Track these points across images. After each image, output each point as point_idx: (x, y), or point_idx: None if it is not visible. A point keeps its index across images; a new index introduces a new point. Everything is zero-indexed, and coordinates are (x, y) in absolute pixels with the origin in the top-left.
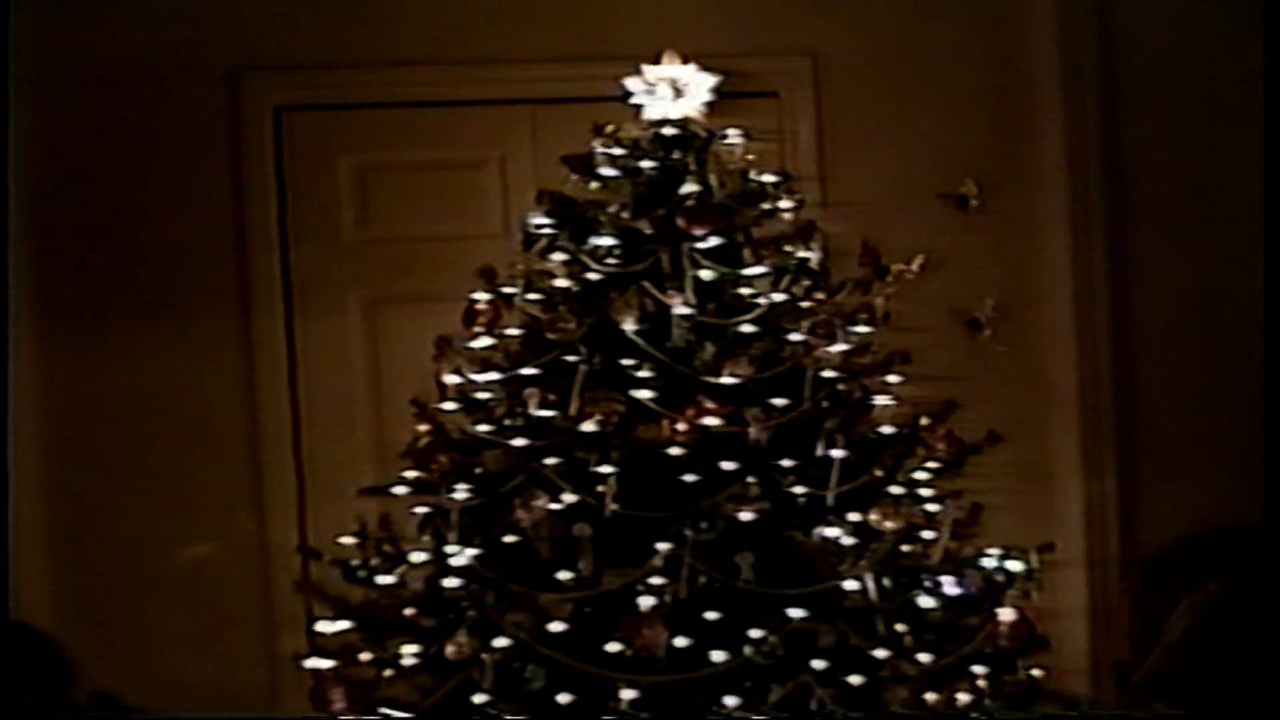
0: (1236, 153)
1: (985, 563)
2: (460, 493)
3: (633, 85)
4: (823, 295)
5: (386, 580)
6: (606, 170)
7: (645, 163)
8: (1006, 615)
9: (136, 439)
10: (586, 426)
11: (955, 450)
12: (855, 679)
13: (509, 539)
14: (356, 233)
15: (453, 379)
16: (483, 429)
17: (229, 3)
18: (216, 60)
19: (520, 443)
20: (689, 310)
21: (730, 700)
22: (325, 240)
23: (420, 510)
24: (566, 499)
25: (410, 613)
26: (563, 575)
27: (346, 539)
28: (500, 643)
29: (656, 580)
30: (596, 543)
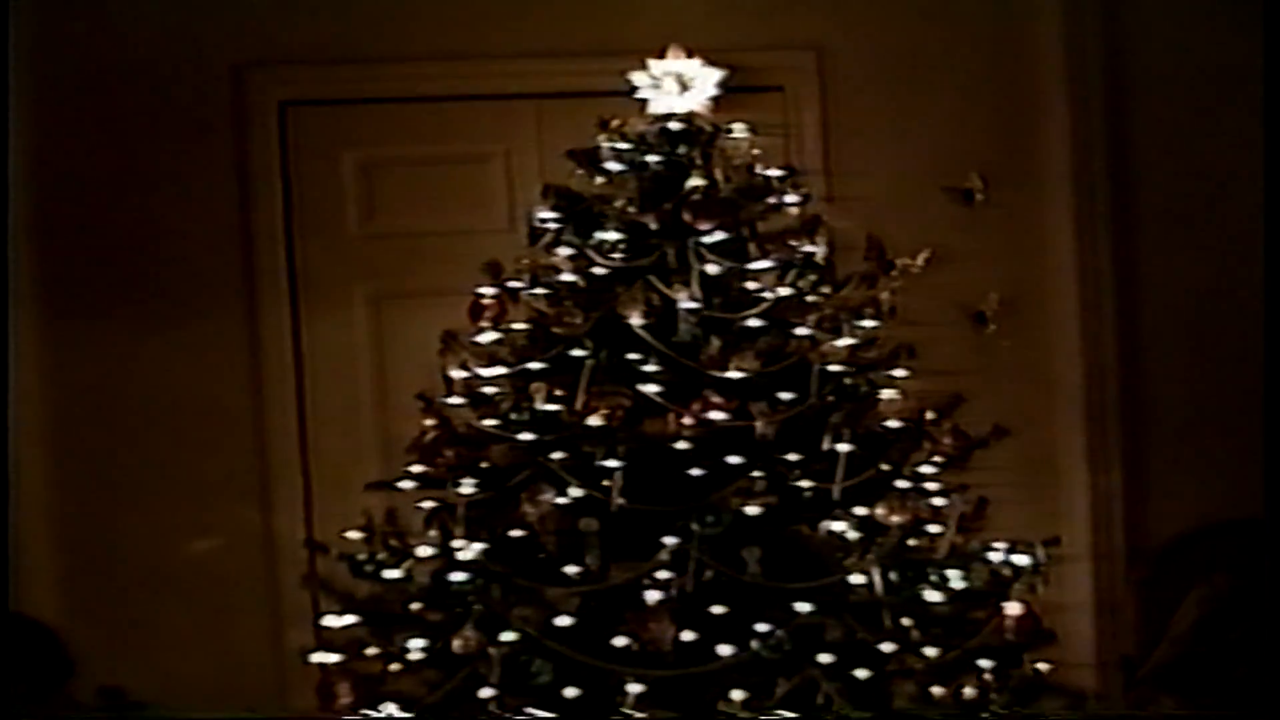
0: (1242, 147)
1: (991, 557)
2: (466, 487)
3: (638, 80)
4: (828, 290)
5: (393, 575)
6: (612, 165)
7: (651, 157)
8: (1013, 609)
9: (142, 434)
10: (593, 421)
11: (961, 444)
12: (862, 673)
13: (515, 533)
14: (362, 227)
15: (459, 373)
16: (489, 423)
17: None
18: (222, 55)
19: (526, 437)
20: (695, 305)
21: (737, 694)
22: (331, 235)
23: (426, 505)
24: (573, 493)
25: (417, 607)
26: (569, 570)
27: (353, 533)
28: (507, 637)
29: (663, 574)
30: (603, 537)
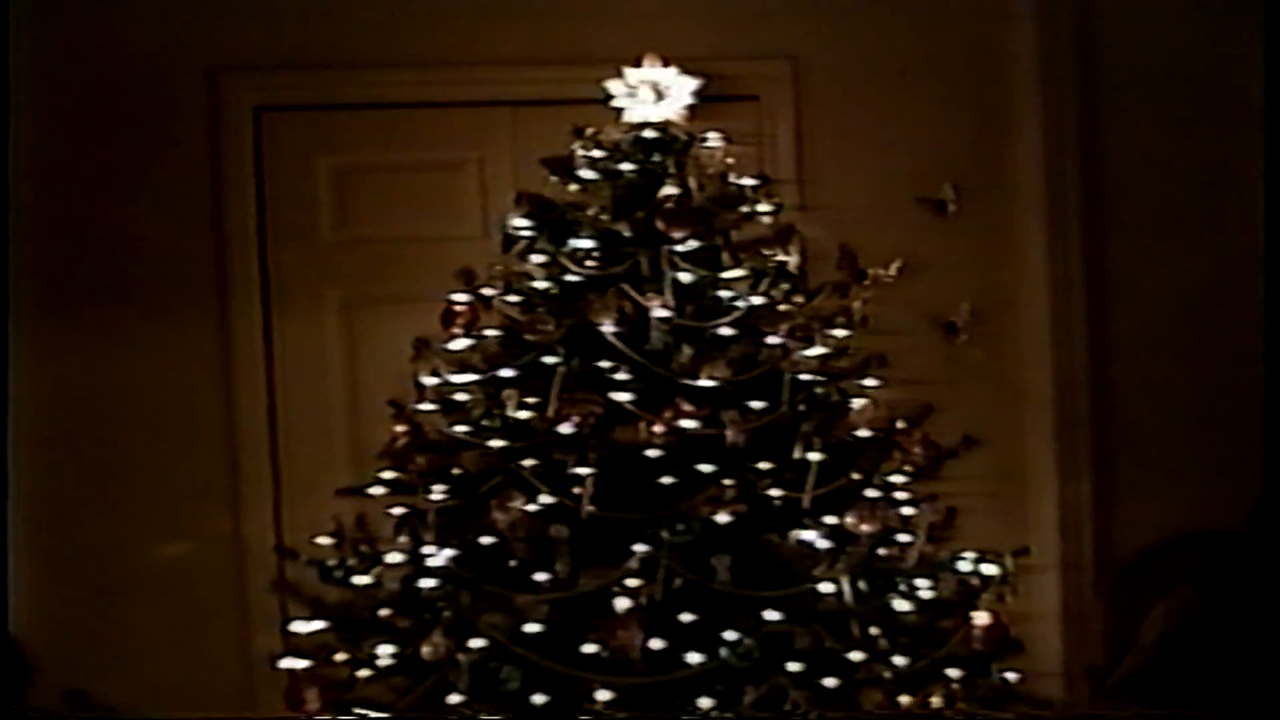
0: (1214, 158)
1: (960, 566)
2: (437, 494)
3: (613, 88)
4: (801, 299)
5: (363, 581)
6: (586, 173)
7: (625, 165)
8: (981, 619)
9: (111, 438)
10: (564, 428)
11: (931, 454)
12: (830, 681)
13: (486, 540)
14: (335, 233)
15: (430, 380)
16: (460, 430)
17: (209, 3)
18: (196, 60)
19: (498, 444)
20: (667, 313)
21: (705, 702)
22: (303, 241)
23: (397, 511)
24: (543, 500)
25: (386, 613)
26: (539, 576)
27: (323, 539)
28: (476, 643)
29: (633, 582)
30: (573, 544)
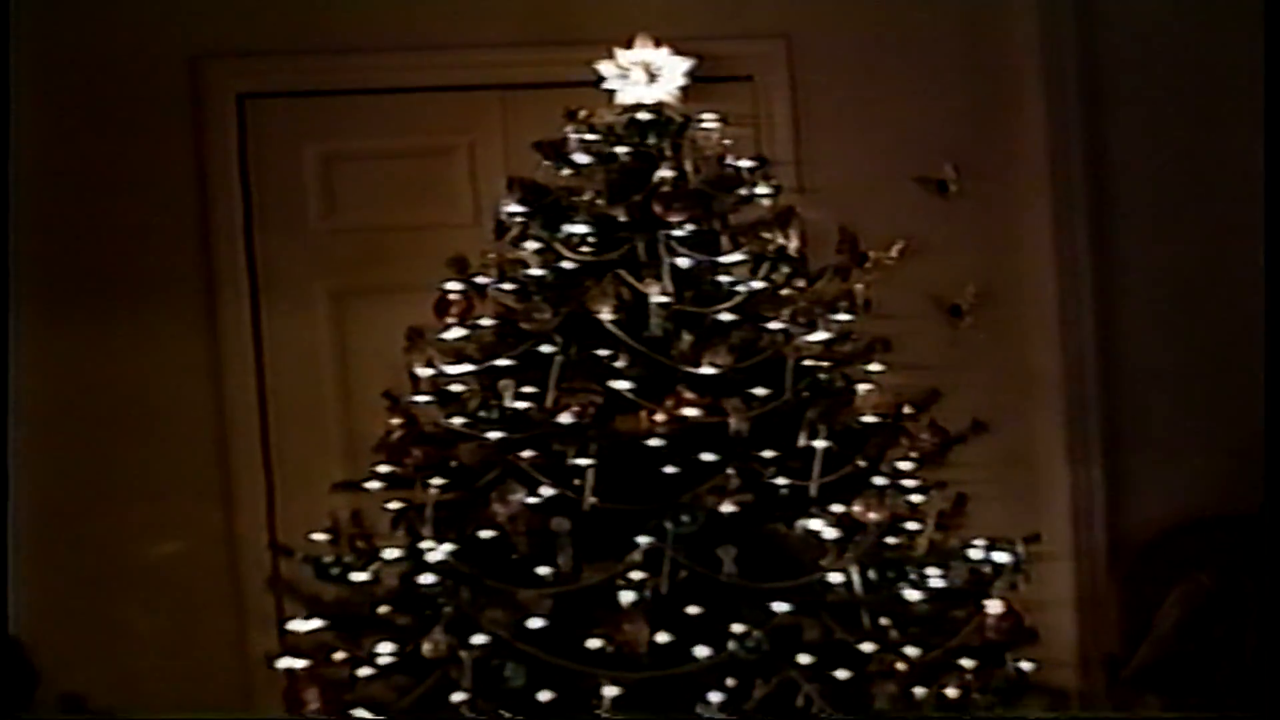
0: (1221, 133)
1: (971, 554)
2: (434, 487)
3: (605, 70)
4: (802, 283)
5: (360, 577)
6: (579, 156)
7: (619, 149)
8: (994, 608)
9: (100, 434)
10: (563, 418)
11: (939, 439)
12: (842, 674)
13: (485, 534)
14: (323, 222)
15: (425, 371)
16: (457, 422)
17: None
18: (177, 48)
19: (495, 436)
20: (666, 299)
21: (714, 697)
22: (291, 230)
23: (394, 506)
24: (544, 492)
25: (385, 610)
26: (541, 570)
27: (318, 535)
28: (478, 640)
29: (637, 575)
30: (575, 537)
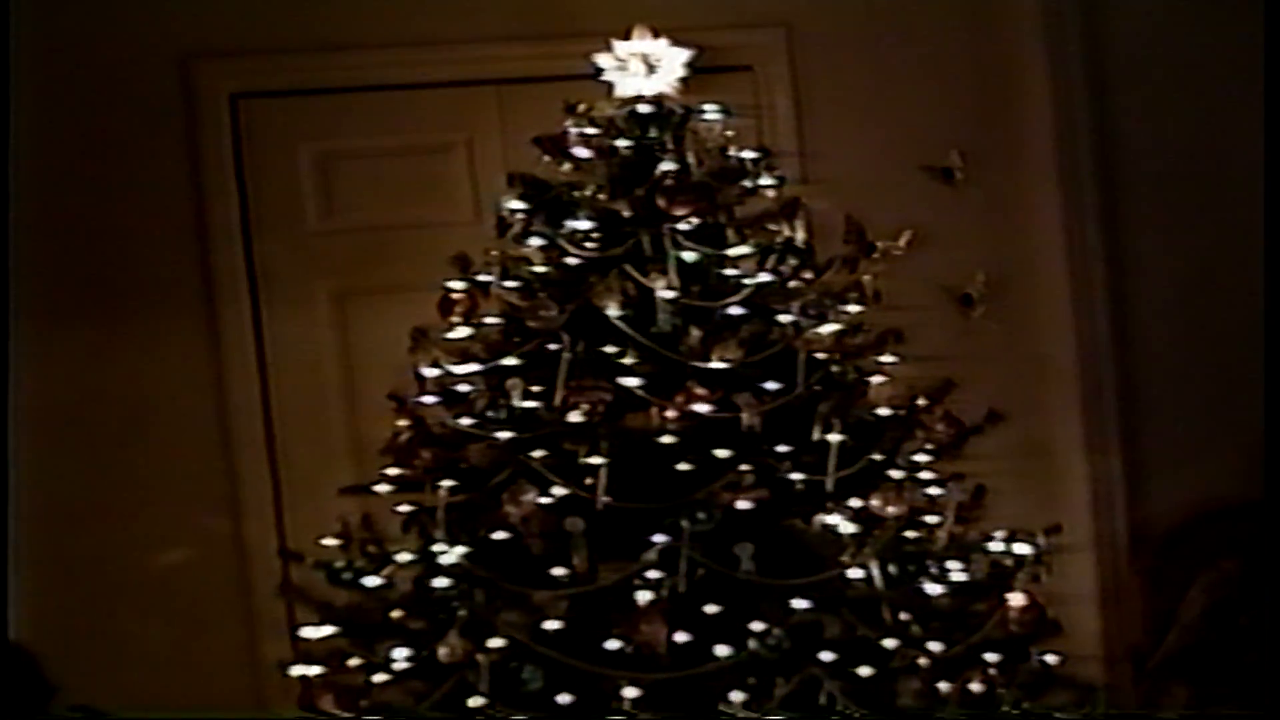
0: (1230, 117)
1: (992, 547)
2: (445, 489)
3: (603, 62)
4: (810, 274)
5: (373, 582)
6: (580, 151)
7: (620, 142)
8: (1016, 600)
9: (104, 442)
10: (573, 417)
11: (955, 431)
12: (865, 670)
13: (498, 536)
14: (322, 222)
15: (431, 371)
16: (465, 422)
17: None
18: (168, 49)
19: (505, 436)
20: (673, 293)
21: (736, 696)
22: (290, 231)
23: (404, 508)
24: (556, 492)
25: (399, 615)
26: (557, 571)
27: (329, 540)
28: (495, 643)
29: (654, 574)
30: (590, 536)
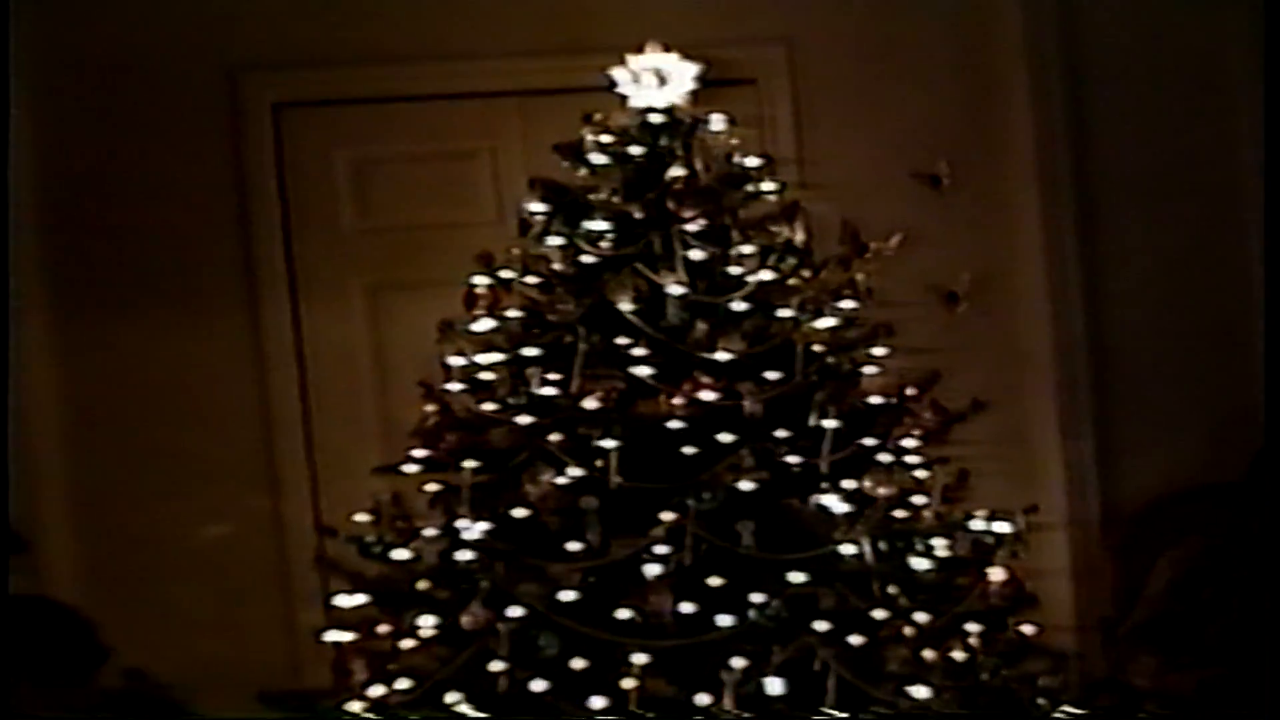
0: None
1: (974, 525)
2: (469, 469)
3: (618, 75)
4: (808, 273)
5: (401, 555)
6: (596, 157)
7: (633, 149)
8: (996, 575)
9: (154, 425)
10: (588, 403)
11: (940, 418)
12: (855, 639)
13: (518, 513)
14: (356, 223)
15: (457, 360)
16: (488, 408)
17: (226, 5)
18: (216, 59)
19: (525, 420)
20: (682, 290)
21: (737, 662)
22: (326, 230)
23: (431, 487)
24: (572, 473)
25: (425, 586)
26: (571, 546)
27: (361, 516)
28: (514, 612)
29: (661, 549)
30: (602, 514)
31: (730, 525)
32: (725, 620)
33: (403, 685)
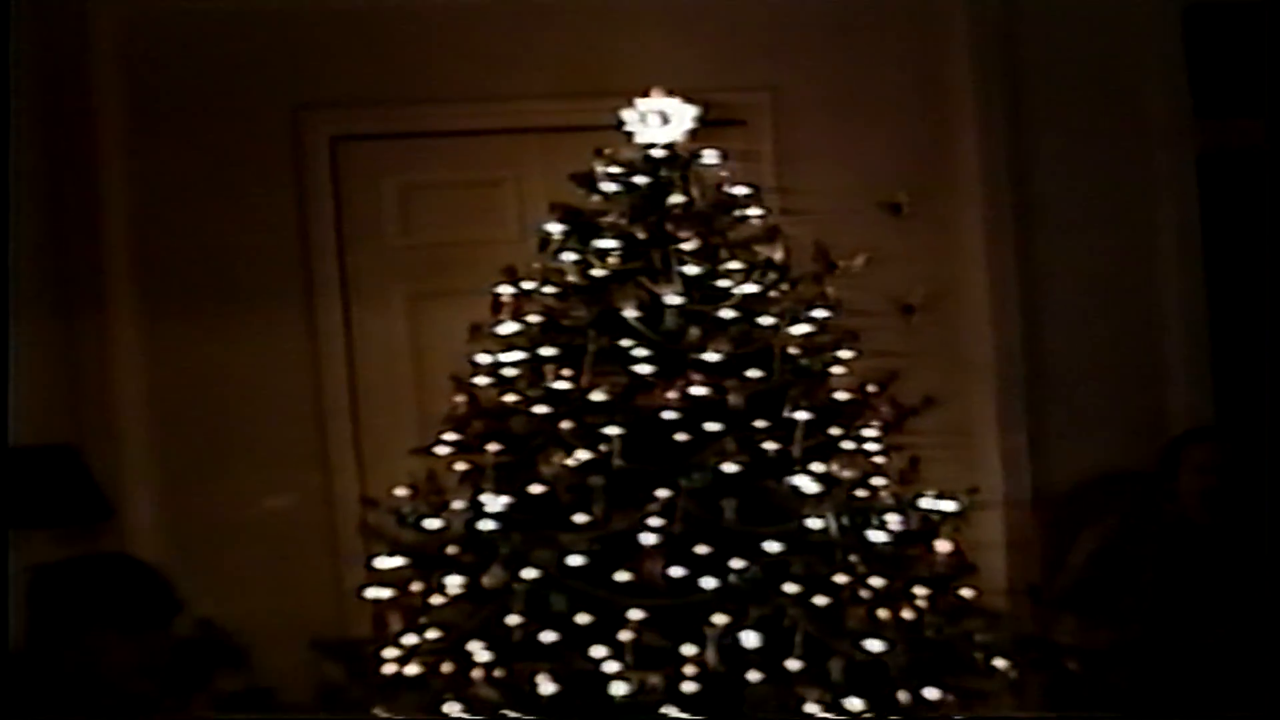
0: (1129, 155)
1: (923, 504)
2: (492, 451)
3: (627, 116)
4: (786, 286)
5: (433, 524)
6: (606, 185)
7: (639, 179)
8: (942, 546)
9: (224, 411)
10: (596, 396)
11: (897, 412)
12: (821, 600)
13: (534, 489)
14: (400, 239)
15: (484, 358)
16: (510, 399)
17: (291, 52)
18: (282, 100)
19: (541, 410)
20: (678, 299)
21: (719, 619)
22: (374, 245)
23: (460, 467)
24: (580, 455)
25: (453, 550)
26: (579, 518)
27: (400, 491)
28: (529, 574)
29: (656, 521)
30: (606, 491)
31: (715, 502)
32: (709, 583)
33: (432, 635)
